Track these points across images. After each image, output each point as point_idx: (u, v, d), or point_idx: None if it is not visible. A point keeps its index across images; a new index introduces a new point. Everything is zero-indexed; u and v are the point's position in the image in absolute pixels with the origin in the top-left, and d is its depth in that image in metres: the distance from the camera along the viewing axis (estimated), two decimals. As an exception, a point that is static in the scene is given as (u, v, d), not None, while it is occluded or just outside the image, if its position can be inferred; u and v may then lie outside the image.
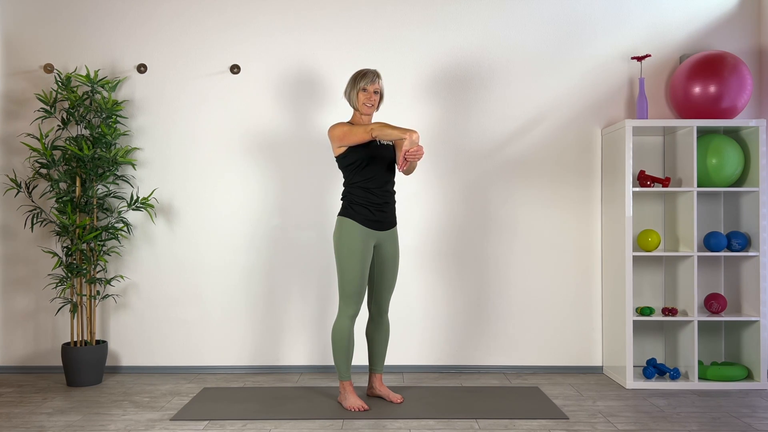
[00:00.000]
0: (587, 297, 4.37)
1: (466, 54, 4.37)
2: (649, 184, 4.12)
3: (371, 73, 3.55)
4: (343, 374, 3.58)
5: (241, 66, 4.37)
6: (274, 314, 4.38)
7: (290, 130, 4.37)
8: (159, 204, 4.38)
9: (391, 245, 3.63)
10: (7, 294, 4.41)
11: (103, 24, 4.40)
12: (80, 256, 4.12)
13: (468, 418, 3.40)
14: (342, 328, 3.53)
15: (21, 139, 4.37)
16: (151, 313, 4.39)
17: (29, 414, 3.53)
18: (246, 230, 4.38)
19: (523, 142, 4.37)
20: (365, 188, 3.53)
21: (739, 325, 4.17)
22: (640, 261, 4.34)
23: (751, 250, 4.08)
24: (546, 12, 4.37)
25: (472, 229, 4.37)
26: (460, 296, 4.37)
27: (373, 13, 4.37)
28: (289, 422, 3.36)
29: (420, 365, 4.37)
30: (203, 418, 3.42)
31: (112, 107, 4.16)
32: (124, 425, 3.33)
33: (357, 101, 3.57)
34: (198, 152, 4.38)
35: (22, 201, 4.39)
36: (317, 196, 4.35)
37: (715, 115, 4.08)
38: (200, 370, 4.38)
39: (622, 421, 3.38)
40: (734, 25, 4.35)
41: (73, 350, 4.05)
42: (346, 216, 3.53)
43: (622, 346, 4.02)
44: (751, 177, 4.07)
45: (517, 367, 4.37)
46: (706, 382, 3.98)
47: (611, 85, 4.37)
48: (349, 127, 3.48)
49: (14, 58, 4.40)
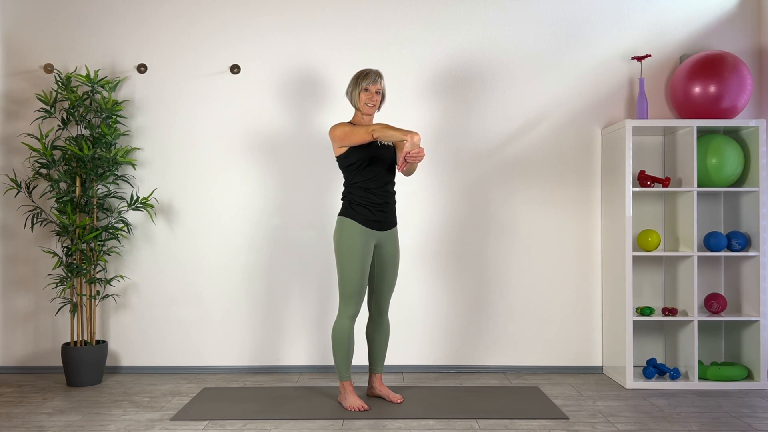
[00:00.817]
0: (587, 297, 4.37)
1: (467, 54, 4.37)
2: (649, 184, 4.12)
3: (373, 73, 3.55)
4: (343, 374, 3.58)
5: (241, 66, 4.37)
6: (274, 314, 4.38)
7: (290, 130, 4.37)
8: (159, 204, 4.38)
9: (392, 245, 3.63)
10: (7, 294, 4.41)
11: (103, 24, 4.40)
12: (80, 256, 4.12)
13: (468, 418, 3.40)
14: (342, 328, 3.53)
15: (21, 139, 4.37)
16: (151, 313, 4.39)
17: (29, 414, 3.53)
18: (246, 230, 4.38)
19: (523, 142, 4.37)
20: (365, 188, 3.53)
21: (739, 325, 4.17)
22: (640, 261, 4.34)
23: (751, 250, 4.08)
24: (546, 12, 4.37)
25: (472, 229, 4.37)
26: (460, 296, 4.37)
27: (374, 13, 4.37)
28: (289, 422, 3.36)
29: (420, 365, 4.37)
30: (203, 418, 3.42)
31: (112, 107, 4.16)
32: (124, 425, 3.33)
33: (359, 101, 3.56)
34: (198, 152, 4.38)
35: (22, 201, 4.39)
36: (317, 196, 4.35)
37: (715, 115, 4.08)
38: (200, 370, 4.38)
39: (622, 421, 3.38)
40: (734, 25, 4.35)
41: (73, 350, 4.05)
42: (347, 216, 3.53)
43: (622, 346, 4.02)
44: (751, 177, 4.07)
45: (517, 367, 4.37)
46: (706, 382, 3.98)
47: (611, 85, 4.37)
48: (350, 127, 3.48)
49: (14, 58, 4.40)
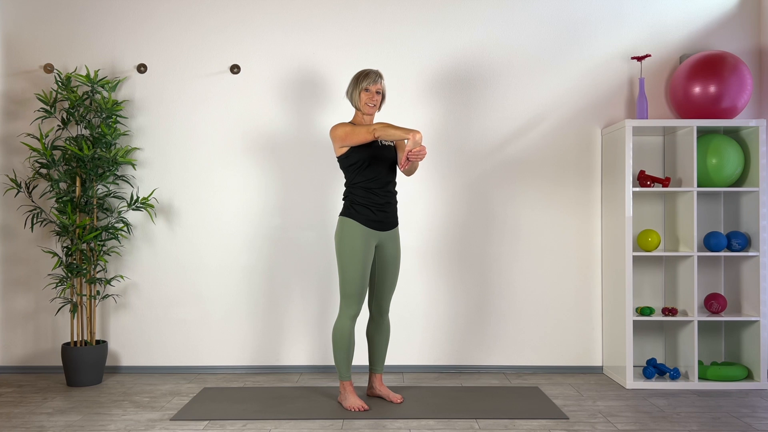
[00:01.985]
0: (587, 297, 4.37)
1: (467, 54, 4.37)
2: (649, 184, 4.12)
3: (373, 73, 3.55)
4: (343, 374, 3.58)
5: (241, 66, 4.37)
6: (274, 314, 4.38)
7: (291, 129, 4.37)
8: (159, 204, 4.38)
9: (393, 246, 3.63)
10: (7, 294, 4.41)
11: (103, 24, 4.40)
12: (80, 256, 4.12)
13: (468, 418, 3.40)
14: (343, 328, 3.53)
15: (21, 139, 4.37)
16: (151, 313, 4.39)
17: (29, 414, 3.53)
18: (246, 230, 4.38)
19: (523, 142, 4.37)
20: (367, 188, 3.53)
21: (739, 325, 4.17)
22: (640, 261, 4.34)
23: (751, 250, 4.08)
24: (546, 12, 4.37)
25: (473, 229, 4.37)
26: (460, 296, 4.37)
27: (374, 13, 4.37)
28: (289, 422, 3.36)
29: (420, 365, 4.37)
30: (203, 418, 3.42)
31: (112, 107, 4.16)
32: (124, 425, 3.33)
33: (359, 101, 3.56)
34: (198, 152, 4.38)
35: (22, 201, 4.39)
36: (318, 196, 4.35)
37: (715, 115, 4.08)
38: (200, 370, 4.38)
39: (622, 421, 3.38)
40: (734, 25, 4.35)
41: (73, 350, 4.05)
42: (348, 216, 3.53)
43: (622, 346, 4.02)
44: (751, 177, 4.07)
45: (517, 367, 4.37)
46: (706, 382, 3.98)
47: (611, 85, 4.37)
48: (351, 127, 3.47)
49: (14, 58, 4.40)
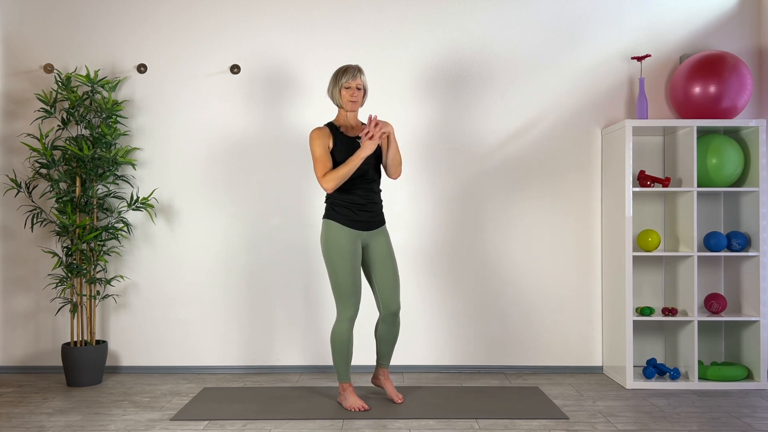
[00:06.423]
0: (587, 297, 4.36)
1: (466, 53, 4.37)
2: (649, 184, 4.12)
3: (353, 68, 3.51)
4: (342, 377, 3.57)
5: (241, 66, 4.37)
6: (274, 314, 4.38)
7: (291, 129, 4.37)
8: (159, 204, 4.38)
9: (380, 243, 3.58)
10: (7, 294, 4.41)
11: (103, 24, 4.40)
12: (80, 256, 4.12)
13: (468, 418, 3.40)
14: (341, 331, 3.50)
15: (21, 139, 4.37)
16: (151, 313, 4.39)
17: (29, 414, 3.53)
18: (246, 230, 4.37)
19: (523, 142, 4.37)
20: (347, 190, 3.50)
21: (739, 325, 4.17)
22: (640, 261, 4.34)
23: (751, 250, 4.08)
24: (546, 12, 4.37)
25: (472, 228, 4.37)
26: (459, 296, 4.37)
27: (374, 13, 4.37)
28: (289, 422, 3.36)
29: (420, 365, 4.37)
30: (203, 418, 3.42)
31: (112, 107, 4.16)
32: (124, 425, 3.33)
33: (341, 99, 3.52)
34: (198, 152, 4.38)
35: (22, 201, 4.39)
36: (317, 195, 4.35)
37: (715, 115, 4.08)
38: (200, 370, 4.38)
39: (622, 421, 3.38)
40: (734, 25, 4.35)
41: (73, 350, 4.05)
42: (330, 218, 3.51)
43: (622, 346, 4.02)
44: (751, 177, 4.07)
45: (517, 367, 4.37)
46: (706, 382, 3.98)
47: (611, 85, 4.37)
48: (321, 154, 3.45)
49: (14, 58, 4.40)
